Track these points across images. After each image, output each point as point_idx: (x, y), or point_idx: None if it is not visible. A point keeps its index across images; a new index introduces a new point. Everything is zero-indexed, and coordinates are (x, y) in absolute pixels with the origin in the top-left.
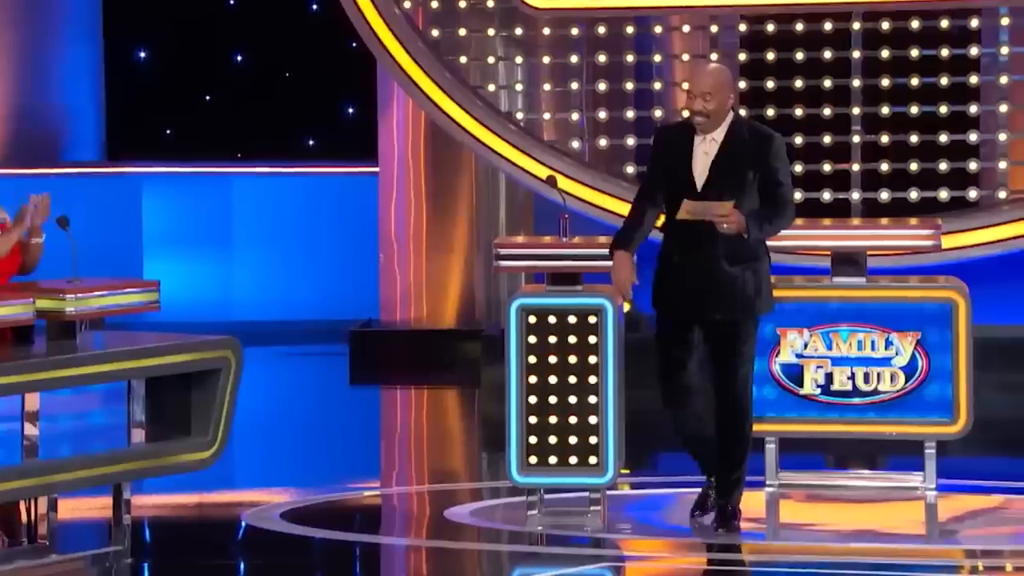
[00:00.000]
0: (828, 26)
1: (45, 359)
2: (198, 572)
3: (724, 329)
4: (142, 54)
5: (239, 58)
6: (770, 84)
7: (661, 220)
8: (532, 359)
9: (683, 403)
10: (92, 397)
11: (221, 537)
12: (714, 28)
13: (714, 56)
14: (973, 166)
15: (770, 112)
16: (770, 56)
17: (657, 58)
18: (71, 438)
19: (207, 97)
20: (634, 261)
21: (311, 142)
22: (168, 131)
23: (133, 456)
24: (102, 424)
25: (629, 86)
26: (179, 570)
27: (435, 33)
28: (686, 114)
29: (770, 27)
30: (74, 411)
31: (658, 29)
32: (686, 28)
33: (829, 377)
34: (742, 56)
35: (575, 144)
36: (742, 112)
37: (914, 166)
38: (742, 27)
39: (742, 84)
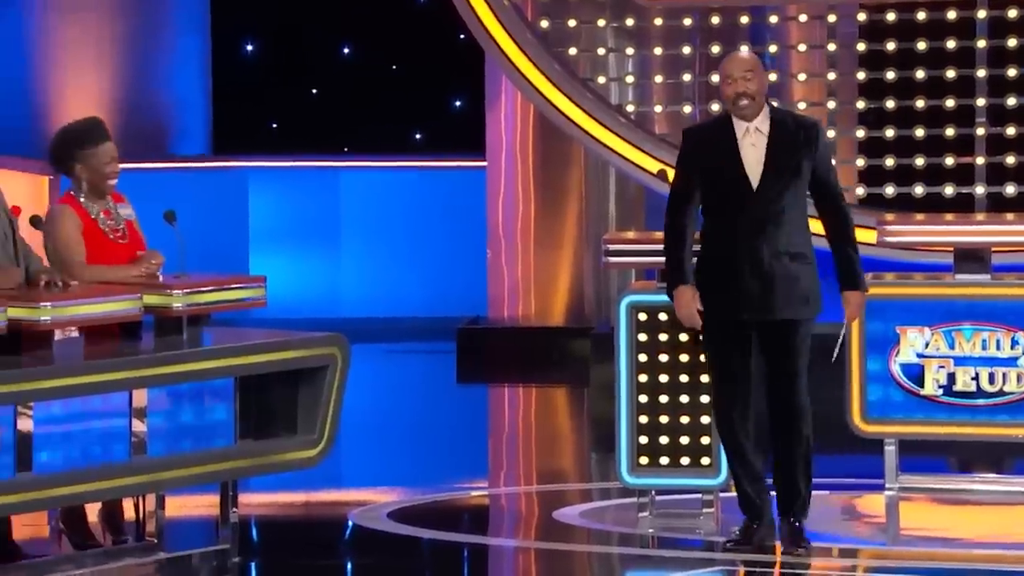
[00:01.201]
0: (952, 14)
1: (152, 355)
2: (305, 572)
3: (785, 329)
4: (249, 47)
5: (346, 51)
6: (890, 75)
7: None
8: (642, 357)
9: (743, 417)
10: (199, 393)
11: (328, 537)
12: (832, 17)
13: (832, 47)
14: None
15: (890, 104)
16: (890, 46)
17: (772, 49)
18: (178, 435)
19: (314, 90)
20: (695, 291)
21: (418, 136)
22: (275, 125)
23: (240, 454)
24: (209, 421)
25: None
26: (286, 569)
27: (544, 24)
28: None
29: (891, 16)
30: (181, 408)
31: (774, 19)
32: (803, 18)
33: (952, 377)
34: (861, 46)
35: None
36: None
37: None
38: (861, 16)
39: (860, 75)
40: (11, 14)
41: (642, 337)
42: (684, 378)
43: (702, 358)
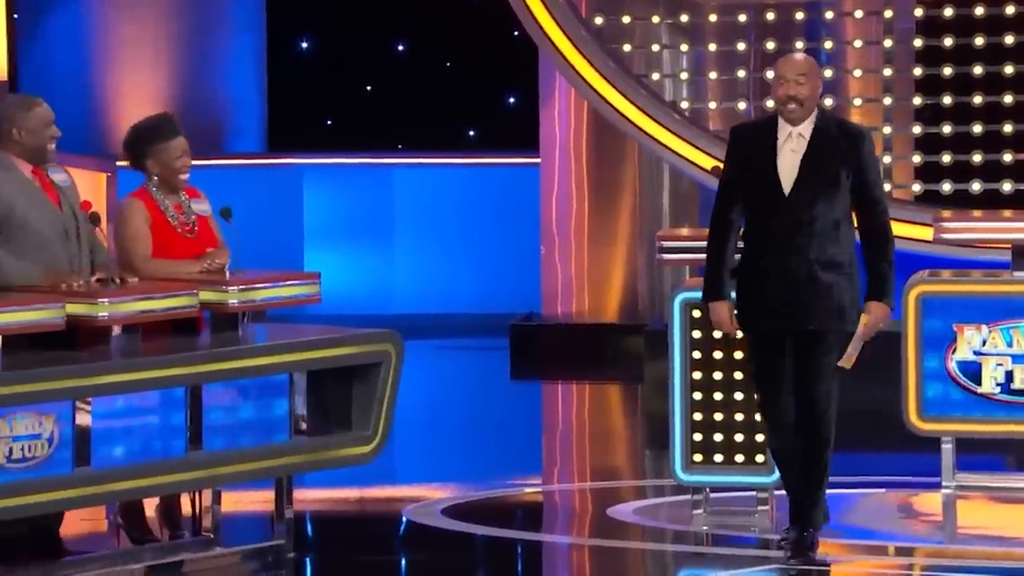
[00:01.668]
0: (1010, 9)
1: (209, 351)
2: (360, 568)
3: (815, 339)
4: (304, 44)
5: (400, 48)
6: (947, 71)
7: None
8: (696, 354)
9: (791, 422)
10: (254, 389)
11: (382, 533)
12: (888, 13)
13: (888, 43)
14: None
15: (947, 100)
16: (948, 42)
17: (828, 45)
18: (234, 431)
19: (368, 87)
20: (732, 305)
21: (472, 133)
22: (329, 122)
23: (295, 450)
24: (264, 417)
25: None
26: (341, 565)
27: (599, 21)
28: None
29: (948, 11)
30: (237, 403)
31: (829, 15)
32: (859, 14)
33: (1009, 375)
34: (918, 42)
35: None
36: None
37: None
38: (918, 12)
39: (917, 71)
40: (71, 11)
41: (696, 334)
42: (738, 375)
43: None
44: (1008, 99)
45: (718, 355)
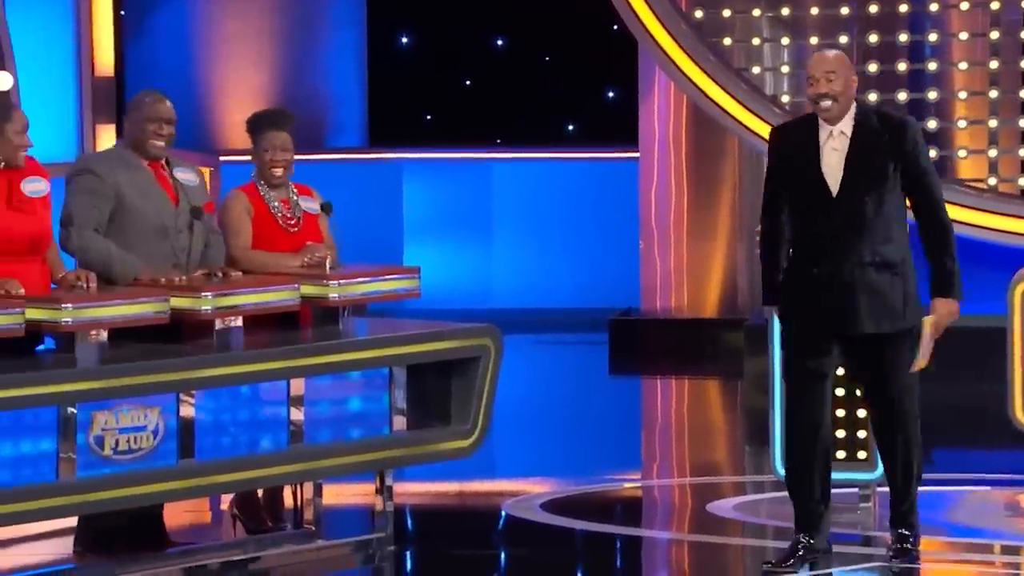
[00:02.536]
0: None
1: (310, 345)
2: (460, 561)
3: (875, 344)
4: (404, 39)
5: (500, 43)
6: None
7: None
8: None
9: (815, 428)
10: (355, 383)
11: (482, 527)
12: (995, 5)
13: (995, 35)
14: None
15: None
16: None
17: (933, 37)
18: (334, 424)
19: (467, 82)
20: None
21: (571, 127)
22: (428, 117)
23: (394, 443)
24: (364, 410)
25: (902, 67)
26: (442, 559)
27: (698, 15)
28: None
29: None
30: (337, 397)
31: (934, 7)
32: (965, 6)
33: None
34: None
35: None
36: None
37: None
38: None
39: None
40: (176, 7)
41: None
42: (840, 371)
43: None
44: None
45: None
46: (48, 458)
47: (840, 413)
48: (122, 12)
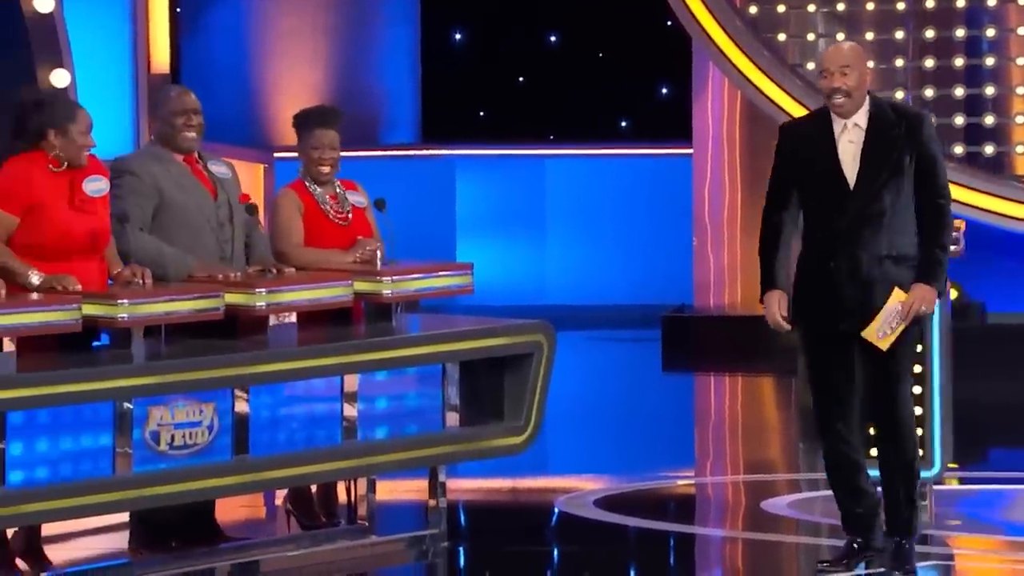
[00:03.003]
0: None
1: (363, 341)
2: (513, 558)
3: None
4: (457, 36)
5: (553, 39)
6: None
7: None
8: None
9: (848, 430)
10: (408, 379)
11: (535, 523)
12: None
13: None
14: None
15: None
16: None
17: (990, 32)
18: (387, 420)
19: (520, 79)
20: (784, 296)
21: (625, 123)
22: (482, 113)
23: (448, 440)
24: (417, 407)
25: (959, 62)
26: (495, 555)
27: (753, 10)
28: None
29: None
30: (390, 393)
31: (992, 2)
32: (1023, 0)
33: None
34: None
35: None
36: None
37: None
38: None
39: None
40: (231, 4)
41: None
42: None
43: (916, 348)
44: None
45: None
46: (105, 453)
47: None
48: (178, 9)
